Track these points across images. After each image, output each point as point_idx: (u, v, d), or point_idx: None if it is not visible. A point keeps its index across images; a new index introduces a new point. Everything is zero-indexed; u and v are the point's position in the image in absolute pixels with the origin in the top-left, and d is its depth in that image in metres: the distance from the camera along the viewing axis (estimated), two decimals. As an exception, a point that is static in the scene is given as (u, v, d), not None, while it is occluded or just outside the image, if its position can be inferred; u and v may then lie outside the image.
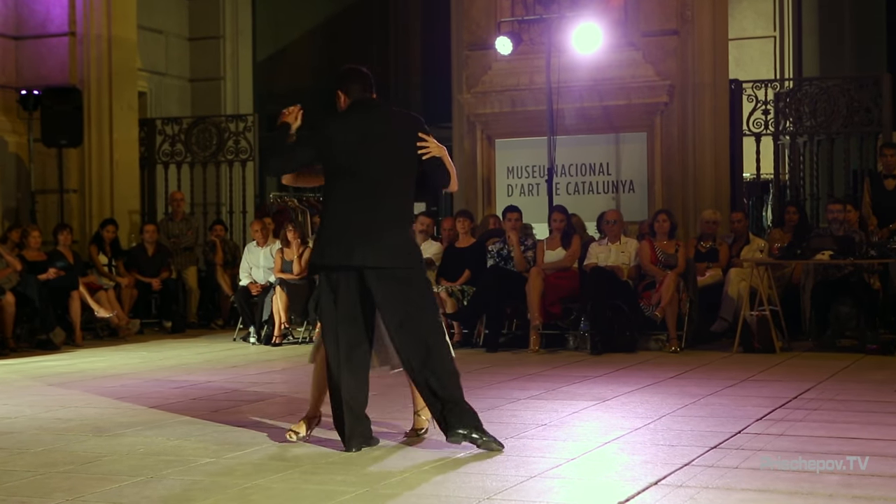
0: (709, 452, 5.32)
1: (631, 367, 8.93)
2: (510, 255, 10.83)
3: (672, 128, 12.16)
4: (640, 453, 5.39)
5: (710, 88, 12.14)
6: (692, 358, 9.54)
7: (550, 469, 5.04)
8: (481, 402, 7.03)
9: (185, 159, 14.91)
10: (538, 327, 10.34)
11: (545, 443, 5.71)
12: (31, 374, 9.05)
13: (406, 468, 5.08)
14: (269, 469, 5.12)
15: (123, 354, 10.53)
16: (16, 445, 5.80)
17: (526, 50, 12.21)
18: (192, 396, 7.52)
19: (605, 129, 12.31)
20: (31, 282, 11.05)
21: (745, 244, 11.11)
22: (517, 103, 12.50)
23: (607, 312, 10.16)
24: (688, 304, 10.29)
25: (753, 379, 8.12)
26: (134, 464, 5.27)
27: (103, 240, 12.85)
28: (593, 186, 12.40)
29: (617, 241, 10.68)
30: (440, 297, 10.72)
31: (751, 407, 6.69)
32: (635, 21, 12.21)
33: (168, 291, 12.95)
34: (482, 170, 12.81)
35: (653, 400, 7.10)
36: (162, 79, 16.57)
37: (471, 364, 9.33)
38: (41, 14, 13.63)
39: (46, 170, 13.53)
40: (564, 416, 6.53)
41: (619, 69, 12.14)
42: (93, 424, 6.42)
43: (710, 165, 12.14)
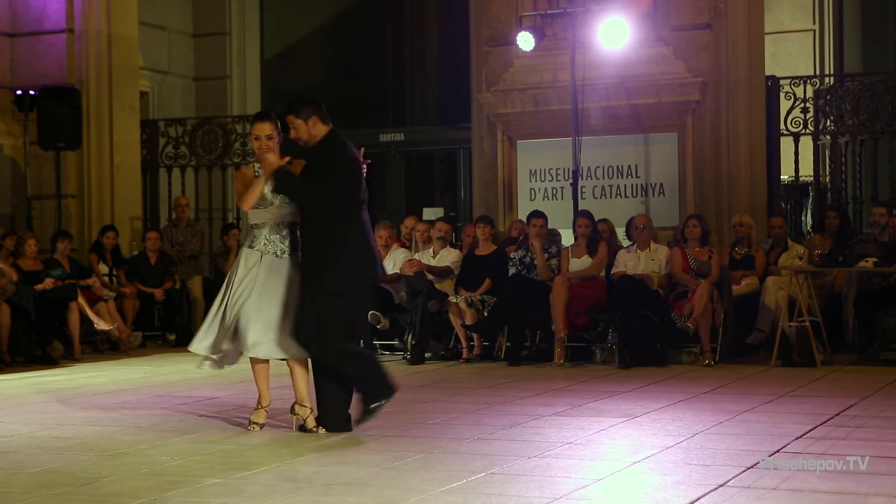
0: (745, 473, 5.30)
1: (662, 382, 8.91)
2: (533, 262, 10.82)
3: (704, 127, 12.12)
4: (671, 473, 5.37)
5: (744, 85, 12.10)
6: (727, 372, 9.51)
7: (576, 490, 5.02)
8: (503, 418, 7.05)
9: (190, 162, 14.95)
10: (563, 339, 10.32)
11: (571, 462, 5.70)
12: (28, 389, 9.08)
13: (423, 489, 5.07)
14: (278, 490, 5.12)
15: (125, 369, 10.56)
16: (11, 465, 5.81)
17: (549, 46, 12.20)
18: (197, 413, 7.53)
19: (633, 129, 12.29)
20: (28, 292, 11.08)
21: (783, 251, 11.07)
22: (540, 102, 12.49)
23: (636, 324, 10.14)
24: (722, 315, 10.25)
25: (793, 394, 8.08)
26: (136, 485, 5.29)
27: (103, 247, 12.88)
28: (621, 190, 12.39)
29: (646, 248, 10.66)
30: (459, 307, 10.72)
31: (790, 424, 6.66)
32: (665, 14, 12.19)
33: (172, 302, 12.99)
34: (503, 173, 12.80)
35: (685, 417, 7.07)
36: (165, 78, 16.63)
37: (492, 378, 9.33)
38: (37, 10, 13.70)
39: (43, 174, 13.59)
40: (591, 433, 6.52)
41: (647, 65, 12.12)
42: (92, 443, 6.44)
43: (745, 167, 12.11)
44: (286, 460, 5.80)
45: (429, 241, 11.47)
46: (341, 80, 17.01)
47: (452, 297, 10.88)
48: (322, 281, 6.49)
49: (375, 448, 6.13)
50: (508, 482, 5.21)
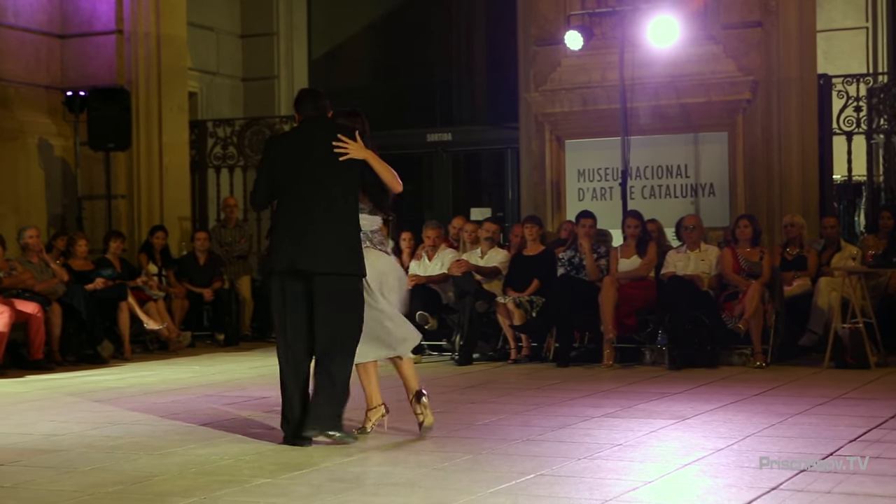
0: (798, 476, 5.27)
1: (712, 384, 8.86)
2: (582, 263, 10.80)
3: (755, 126, 12.05)
4: (723, 476, 5.35)
5: (796, 84, 12.01)
6: (779, 374, 9.45)
7: (626, 492, 5.01)
8: (552, 419, 7.04)
9: (238, 163, 15.05)
10: (612, 341, 10.29)
11: (620, 464, 5.69)
12: (79, 389, 9.19)
13: (472, 490, 5.08)
14: (327, 490, 5.15)
15: (174, 369, 10.65)
16: (63, 464, 5.89)
17: (598, 45, 12.18)
18: (246, 413, 7.59)
19: (682, 128, 12.23)
20: (78, 292, 11.21)
21: (835, 251, 10.98)
22: (588, 101, 12.47)
23: (687, 325, 10.10)
24: (773, 316, 10.19)
25: (846, 397, 8.02)
26: (186, 484, 5.33)
27: (153, 247, 13.00)
28: (670, 190, 12.34)
29: (696, 249, 10.61)
30: (507, 307, 10.72)
31: (843, 427, 6.61)
32: (715, 12, 12.13)
33: (221, 302, 13.08)
34: (551, 173, 12.79)
35: (737, 419, 7.04)
36: (213, 78, 16.76)
37: (540, 380, 9.33)
38: (87, 11, 13.84)
39: (93, 175, 13.73)
40: (641, 435, 6.50)
41: (697, 64, 12.07)
42: (143, 442, 6.51)
43: (796, 167, 12.02)
44: (335, 460, 5.83)
45: (476, 241, 11.47)
46: (389, 79, 17.06)
47: (500, 297, 10.88)
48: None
49: (424, 449, 6.14)
50: (558, 484, 5.21)
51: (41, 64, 13.65)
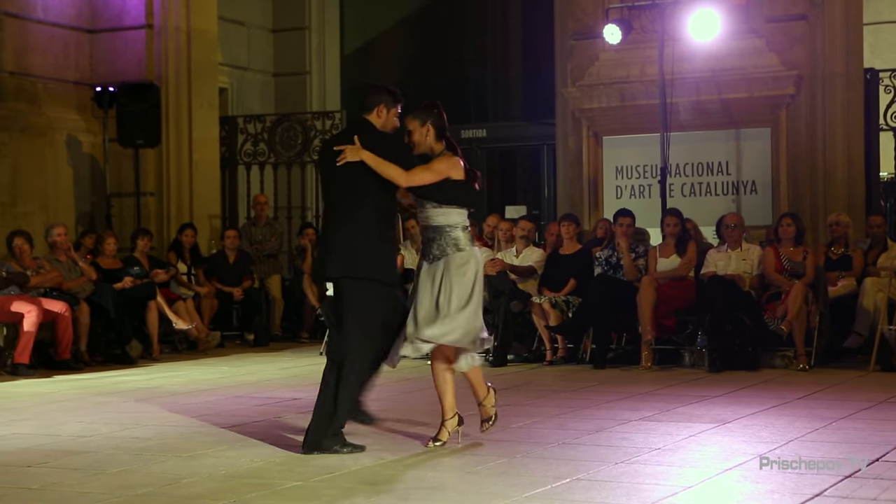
0: (843, 482, 5.23)
1: (754, 387, 8.81)
2: (619, 262, 10.77)
3: (799, 122, 11.98)
4: (765, 482, 5.31)
5: (841, 79, 11.93)
6: (823, 377, 9.39)
7: (665, 498, 4.99)
8: (588, 422, 7.03)
9: (269, 160, 15.09)
10: (650, 342, 10.26)
11: (659, 469, 5.66)
12: (107, 389, 9.24)
13: (506, 494, 5.07)
14: (358, 493, 5.15)
15: (203, 369, 10.70)
16: (91, 465, 5.92)
17: (637, 38, 12.13)
18: (276, 414, 7.61)
19: (724, 124, 12.19)
20: (107, 291, 11.26)
21: (882, 251, 10.89)
22: (627, 97, 12.43)
23: (727, 326, 10.05)
24: (817, 318, 10.12)
25: (893, 400, 7.95)
26: (215, 486, 5.35)
27: (182, 245, 13.05)
28: (711, 188, 12.28)
29: (738, 248, 10.55)
30: (542, 307, 10.70)
31: (890, 432, 6.56)
32: (758, 5, 12.06)
33: (250, 302, 13.11)
34: (588, 170, 12.76)
35: (779, 423, 7.00)
36: (244, 73, 16.82)
37: (577, 382, 9.30)
38: (117, 6, 13.92)
39: (122, 171, 13.81)
40: (680, 439, 6.47)
41: (739, 58, 12.01)
42: (172, 444, 6.54)
43: (842, 164, 11.94)
44: (366, 464, 5.83)
45: (511, 239, 11.46)
46: (422, 75, 17.06)
47: (536, 297, 10.86)
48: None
49: (457, 452, 6.14)
50: (594, 489, 5.19)
51: (70, 59, 13.74)
